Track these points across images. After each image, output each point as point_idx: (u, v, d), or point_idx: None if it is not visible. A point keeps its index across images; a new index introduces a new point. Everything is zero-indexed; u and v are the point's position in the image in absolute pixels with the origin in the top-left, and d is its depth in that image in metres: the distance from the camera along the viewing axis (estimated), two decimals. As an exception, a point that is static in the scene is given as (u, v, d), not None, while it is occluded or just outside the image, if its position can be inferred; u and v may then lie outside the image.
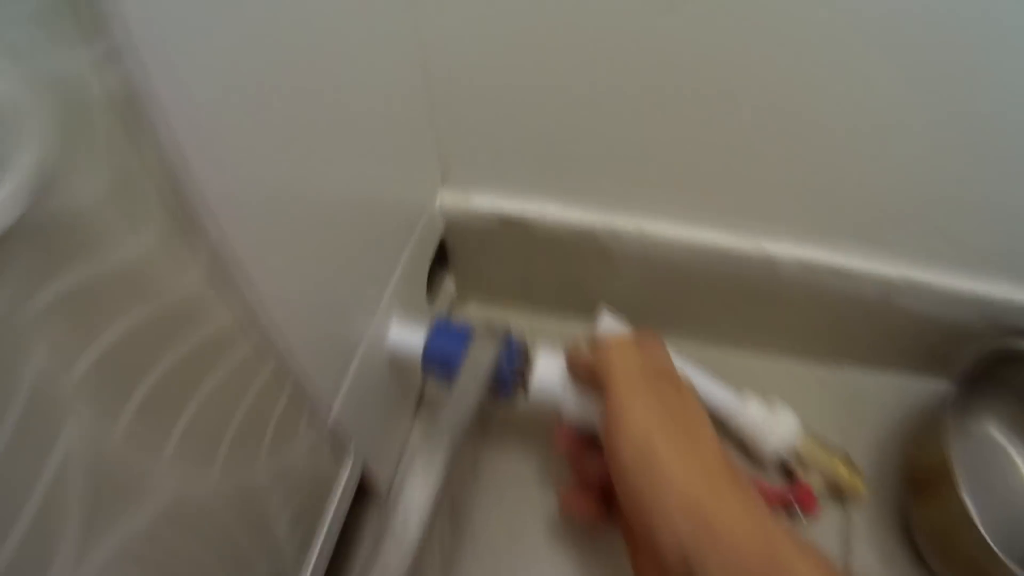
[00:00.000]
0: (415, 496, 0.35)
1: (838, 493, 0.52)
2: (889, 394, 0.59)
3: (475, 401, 0.42)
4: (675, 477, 0.31)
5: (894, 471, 0.55)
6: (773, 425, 0.52)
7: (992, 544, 0.42)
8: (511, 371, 0.45)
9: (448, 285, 0.65)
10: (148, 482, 0.27)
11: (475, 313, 0.67)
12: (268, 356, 0.34)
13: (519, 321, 0.64)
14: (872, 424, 0.57)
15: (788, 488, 0.53)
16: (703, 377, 0.55)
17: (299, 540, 0.42)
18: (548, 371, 0.45)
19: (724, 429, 0.55)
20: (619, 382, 0.36)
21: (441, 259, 0.61)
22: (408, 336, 0.47)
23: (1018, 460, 0.56)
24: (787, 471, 0.54)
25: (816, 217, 0.49)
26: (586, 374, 0.40)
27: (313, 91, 0.34)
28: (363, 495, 0.52)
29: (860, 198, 0.46)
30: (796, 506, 0.52)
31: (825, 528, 0.52)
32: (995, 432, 0.57)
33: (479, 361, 0.44)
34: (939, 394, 0.50)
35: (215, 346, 0.30)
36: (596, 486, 0.43)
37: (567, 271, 0.59)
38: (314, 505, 0.43)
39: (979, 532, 0.43)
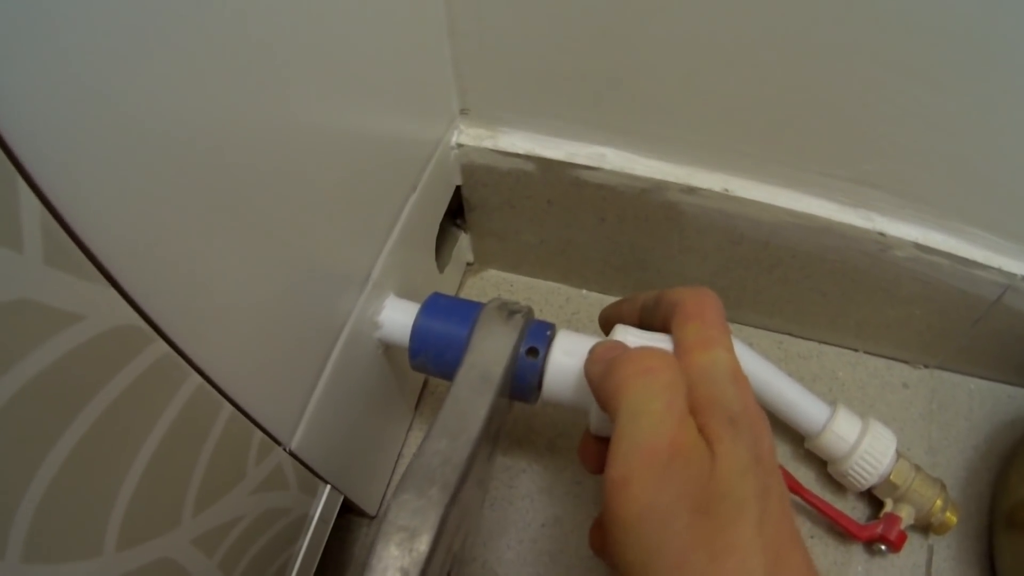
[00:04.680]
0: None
1: (925, 526, 0.46)
2: (979, 404, 0.55)
3: (481, 412, 0.31)
4: None
5: (980, 495, 0.51)
6: (867, 448, 0.45)
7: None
8: (531, 368, 0.34)
9: (463, 248, 0.56)
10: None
11: (494, 284, 0.59)
12: (184, 372, 0.23)
13: (553, 297, 0.58)
14: (958, 438, 0.53)
15: (876, 523, 0.46)
16: (781, 379, 0.46)
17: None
18: (569, 364, 0.34)
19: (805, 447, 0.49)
20: (624, 442, 0.25)
21: (455, 213, 0.53)
22: (408, 318, 0.38)
23: None
24: (871, 496, 0.49)
25: (940, 195, 0.43)
26: (596, 396, 0.30)
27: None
28: (347, 510, 0.44)
29: (993, 177, 0.41)
30: (883, 545, 0.46)
31: (904, 562, 0.48)
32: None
33: (486, 352, 0.33)
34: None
35: (86, 363, 0.19)
36: None
37: (622, 237, 0.51)
38: (276, 553, 0.34)
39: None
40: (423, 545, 0.26)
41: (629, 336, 0.32)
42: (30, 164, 0.16)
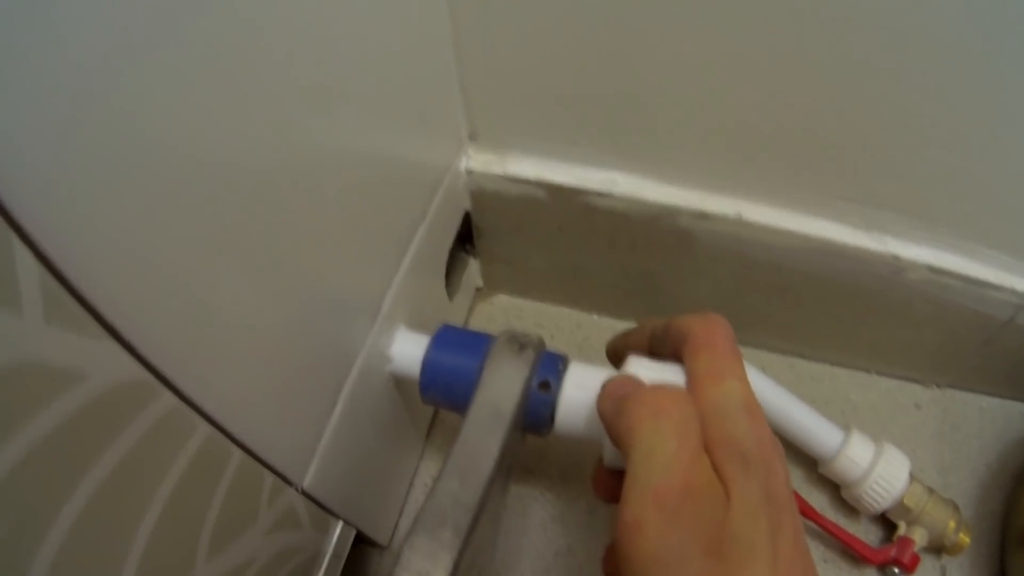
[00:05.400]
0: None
1: (938, 548, 0.46)
2: (991, 423, 0.54)
3: (493, 451, 0.30)
4: None
5: (992, 514, 0.50)
6: (880, 472, 0.45)
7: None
8: (543, 402, 0.34)
9: (472, 273, 0.55)
10: None
11: (504, 310, 0.58)
12: (194, 423, 0.23)
13: (564, 322, 0.57)
14: (970, 457, 0.52)
15: (889, 546, 0.46)
16: (795, 405, 0.46)
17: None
18: (581, 398, 0.33)
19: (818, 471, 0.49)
20: (637, 484, 0.25)
21: (464, 239, 0.52)
22: (419, 350, 0.37)
23: None
24: (885, 519, 0.48)
25: (954, 217, 0.42)
26: (608, 433, 0.29)
27: None
28: (359, 541, 0.43)
29: (1007, 198, 0.40)
30: (896, 568, 0.45)
31: None
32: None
33: (497, 388, 0.33)
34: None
35: (93, 420, 0.19)
36: None
37: (633, 262, 0.50)
38: None
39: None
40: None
41: (642, 370, 0.31)
42: (26, 221, 0.15)
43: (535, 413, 0.34)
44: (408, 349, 0.37)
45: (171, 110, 0.19)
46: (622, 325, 0.55)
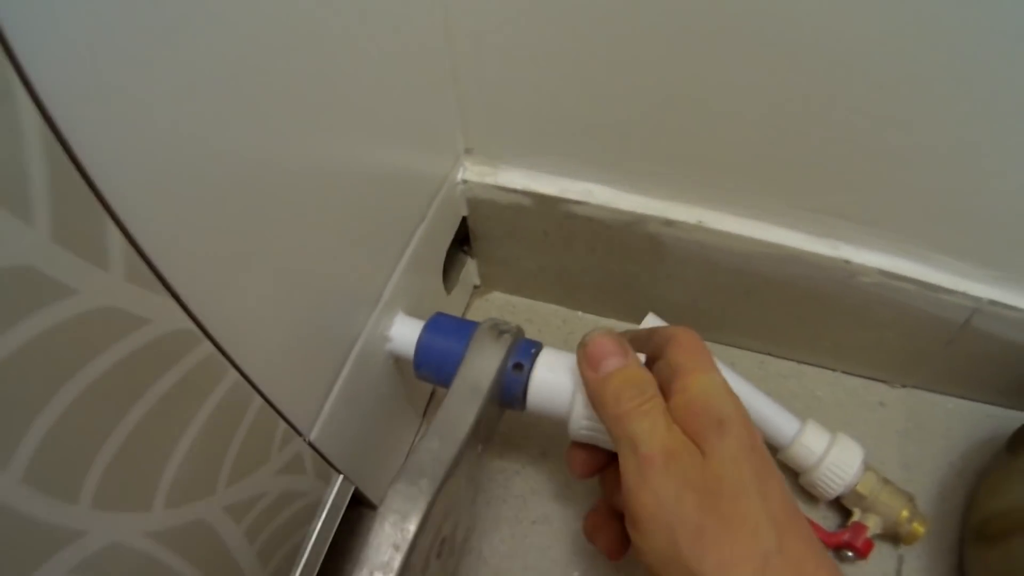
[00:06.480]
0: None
1: (894, 535, 0.47)
2: (957, 423, 0.54)
3: (470, 419, 0.35)
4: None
5: (954, 510, 0.50)
6: (833, 459, 0.46)
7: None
8: (516, 381, 0.37)
9: (470, 271, 0.58)
10: (60, 533, 0.21)
11: (498, 306, 0.61)
12: (225, 369, 0.27)
13: (551, 318, 0.60)
14: (934, 455, 0.53)
15: (843, 531, 0.47)
16: (755, 395, 0.48)
17: (272, 570, 0.36)
18: (550, 379, 0.37)
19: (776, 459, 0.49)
20: (629, 459, 0.30)
21: (462, 240, 0.55)
22: (414, 333, 0.41)
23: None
24: (840, 506, 0.49)
25: (905, 224, 0.43)
26: (591, 399, 0.34)
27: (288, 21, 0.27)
28: (358, 503, 0.47)
29: (956, 207, 0.41)
30: (850, 551, 0.47)
31: (874, 569, 0.48)
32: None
33: (477, 367, 0.37)
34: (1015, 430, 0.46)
35: (151, 356, 0.23)
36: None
37: (611, 265, 0.53)
38: (293, 529, 0.37)
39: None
40: (412, 525, 0.30)
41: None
42: (116, 206, 0.20)
43: (509, 390, 0.38)
44: (405, 331, 0.41)
45: (225, 133, 0.24)
46: (604, 322, 0.58)
